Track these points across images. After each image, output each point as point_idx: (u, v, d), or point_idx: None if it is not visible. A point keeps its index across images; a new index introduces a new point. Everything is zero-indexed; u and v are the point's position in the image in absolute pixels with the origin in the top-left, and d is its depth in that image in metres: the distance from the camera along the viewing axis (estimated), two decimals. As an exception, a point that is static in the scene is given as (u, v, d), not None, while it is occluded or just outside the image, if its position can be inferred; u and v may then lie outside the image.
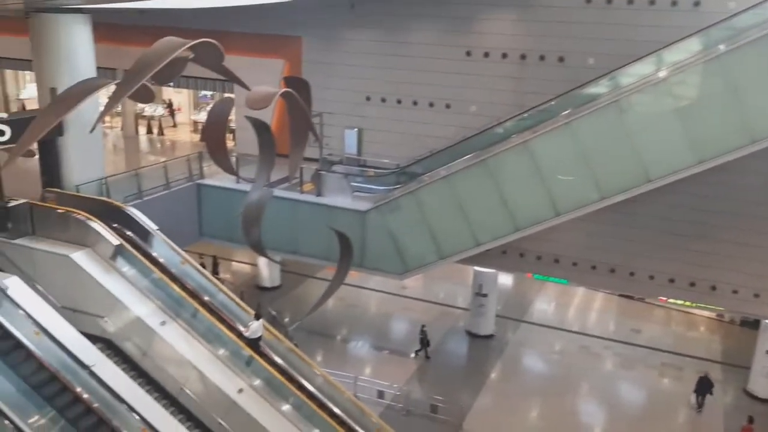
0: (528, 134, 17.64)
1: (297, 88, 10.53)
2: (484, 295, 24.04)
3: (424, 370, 22.77)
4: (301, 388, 15.40)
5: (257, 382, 14.79)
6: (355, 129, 22.62)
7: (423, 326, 23.44)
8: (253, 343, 15.42)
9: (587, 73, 18.45)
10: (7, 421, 11.07)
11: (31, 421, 11.63)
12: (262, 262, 28.48)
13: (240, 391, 14.41)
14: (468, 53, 20.58)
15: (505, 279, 29.17)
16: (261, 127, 11.80)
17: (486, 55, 20.32)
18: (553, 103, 18.79)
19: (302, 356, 16.10)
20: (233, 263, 31.26)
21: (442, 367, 23.01)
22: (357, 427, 15.52)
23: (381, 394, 20.26)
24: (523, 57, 19.85)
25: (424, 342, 23.22)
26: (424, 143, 21.35)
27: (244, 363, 14.94)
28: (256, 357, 14.99)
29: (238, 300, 16.33)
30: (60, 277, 15.06)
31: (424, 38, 21.19)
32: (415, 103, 21.63)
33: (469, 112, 20.99)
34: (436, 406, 19.47)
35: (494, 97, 20.41)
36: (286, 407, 14.76)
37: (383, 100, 22.10)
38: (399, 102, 21.83)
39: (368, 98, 22.34)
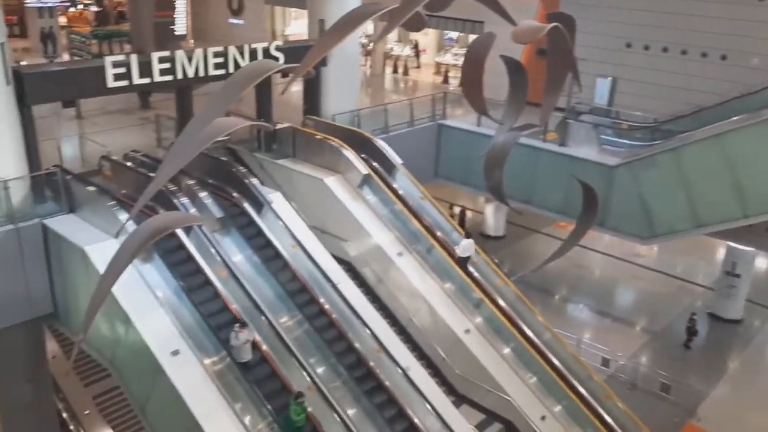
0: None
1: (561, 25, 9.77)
2: (737, 275, 21.35)
3: (653, 346, 21.10)
4: (524, 335, 15.04)
5: (483, 324, 14.72)
6: (609, 78, 20.96)
7: (693, 314, 21.15)
8: (462, 263, 15.36)
9: None
10: (263, 317, 12.24)
11: (281, 321, 12.77)
12: (488, 210, 28.25)
13: (467, 331, 14.46)
14: (759, -4, 17.80)
15: (762, 261, 25.71)
16: (515, 67, 11.25)
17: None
18: None
19: (530, 306, 15.66)
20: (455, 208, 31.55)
21: (676, 347, 21.11)
22: (578, 385, 14.83)
23: (605, 362, 19.18)
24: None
25: (692, 331, 20.93)
26: (688, 98, 19.13)
27: (474, 305, 14.92)
28: (485, 300, 14.87)
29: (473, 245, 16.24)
30: (312, 198, 16.13)
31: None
32: (684, 53, 19.38)
33: (750, 66, 18.28)
34: (668, 386, 17.94)
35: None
36: (506, 351, 14.57)
37: (646, 48, 20.13)
38: (665, 50, 19.71)
39: (629, 45, 20.48)
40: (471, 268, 15.75)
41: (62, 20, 35.61)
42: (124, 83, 13.83)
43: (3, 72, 12.12)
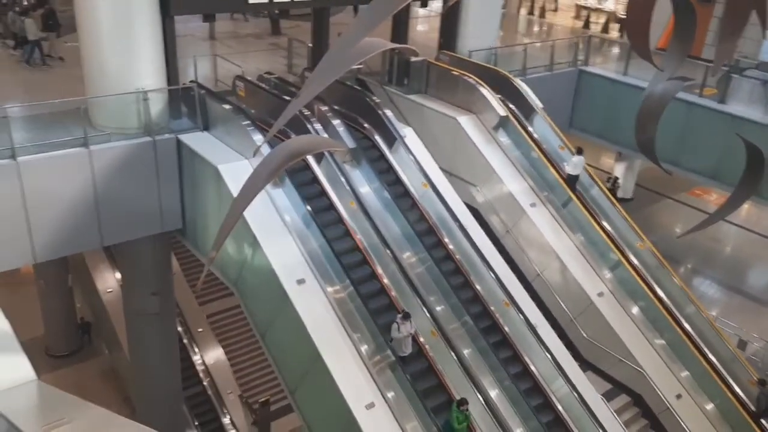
0: None
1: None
2: None
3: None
4: (660, 300, 13.77)
5: (618, 287, 13.56)
6: (783, 30, 18.38)
7: None
8: (571, 181, 14.29)
9: None
10: (388, 251, 11.68)
11: (405, 256, 12.19)
12: (619, 168, 26.32)
13: (600, 294, 13.36)
14: None
15: None
16: (684, 7, 9.76)
17: None
18: None
19: (668, 267, 14.27)
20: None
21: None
22: (710, 355, 13.47)
23: (741, 344, 17.46)
24: None
25: None
26: None
27: (610, 266, 13.75)
28: (624, 262, 13.64)
29: (612, 199, 14.92)
30: (443, 138, 15.28)
31: None
32: None
33: None
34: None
35: None
36: (635, 310, 13.39)
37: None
38: None
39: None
40: (609, 228, 14.50)
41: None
42: (264, 0, 13.38)
43: (149, -21, 11.89)
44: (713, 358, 13.40)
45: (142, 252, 13.70)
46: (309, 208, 11.54)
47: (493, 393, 11.12)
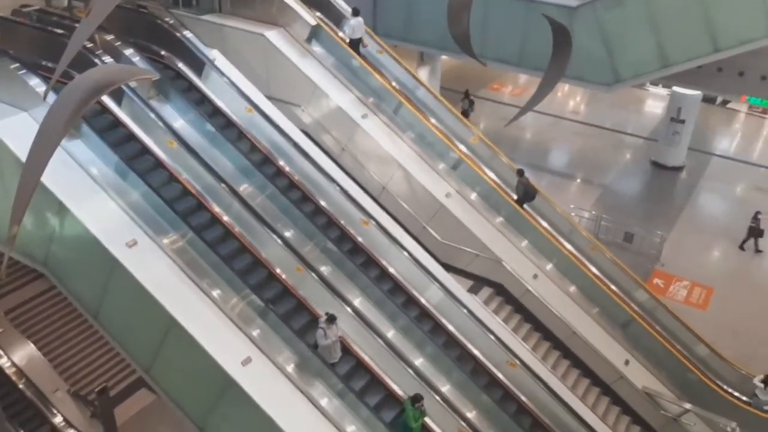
0: None
1: None
2: (681, 121, 21.21)
3: (607, 199, 20.85)
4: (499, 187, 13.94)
5: (464, 185, 13.46)
6: None
7: (757, 213, 18.69)
8: (354, 45, 14.01)
9: None
10: (223, 185, 10.29)
11: (244, 191, 10.85)
12: (423, 72, 26.40)
13: (448, 195, 13.16)
14: None
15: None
16: None
17: None
18: None
19: (501, 154, 14.47)
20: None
21: (627, 197, 21.09)
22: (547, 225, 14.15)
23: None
24: None
25: (756, 231, 18.55)
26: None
27: (452, 166, 13.55)
28: (465, 159, 13.50)
29: (440, 97, 14.64)
30: (252, 59, 13.71)
31: None
32: None
33: None
34: (631, 235, 17.79)
35: None
36: (497, 219, 13.50)
37: None
38: None
39: None
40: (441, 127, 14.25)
41: None
42: None
43: None
44: (551, 229, 14.02)
45: None
46: (120, 157, 9.64)
47: (370, 312, 10.49)
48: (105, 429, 16.40)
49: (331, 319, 9.42)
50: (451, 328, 10.95)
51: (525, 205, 13.64)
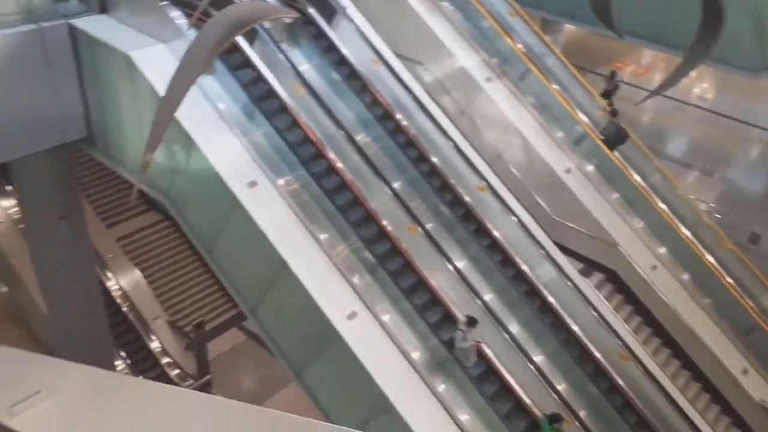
0: None
1: None
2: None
3: (730, 194, 19.39)
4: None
5: (587, 163, 12.77)
6: None
7: None
8: None
9: None
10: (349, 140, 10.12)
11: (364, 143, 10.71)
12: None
13: (568, 171, 12.52)
14: None
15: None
16: None
17: None
18: None
19: (641, 146, 13.65)
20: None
21: (754, 194, 19.55)
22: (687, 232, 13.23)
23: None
24: None
25: None
26: None
27: (574, 141, 12.87)
28: (589, 132, 12.79)
29: (571, 67, 13.87)
30: (378, 10, 13.34)
31: None
32: None
33: None
34: (758, 236, 16.46)
35: None
36: (618, 202, 12.76)
37: None
38: None
39: None
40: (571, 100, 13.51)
41: None
42: None
43: None
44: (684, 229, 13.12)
45: (41, 171, 11.36)
46: (250, 99, 9.65)
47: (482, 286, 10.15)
48: (197, 361, 17.05)
49: (472, 322, 9.06)
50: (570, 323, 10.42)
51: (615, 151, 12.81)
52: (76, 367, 2.90)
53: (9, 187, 17.01)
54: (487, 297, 10.09)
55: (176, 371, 16.90)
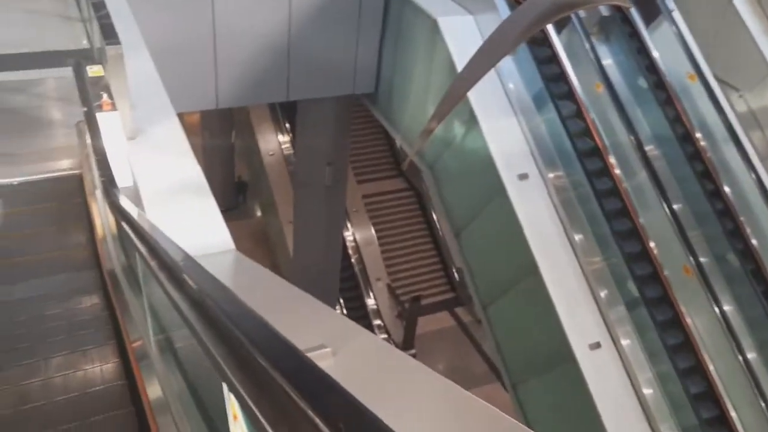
0: None
1: None
2: None
3: None
4: None
5: None
6: None
7: None
8: None
9: None
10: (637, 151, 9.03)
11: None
12: None
13: None
14: None
15: None
16: None
17: None
18: None
19: None
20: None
21: None
22: None
23: None
24: None
25: None
26: None
27: None
28: None
29: None
30: (701, 20, 11.79)
31: None
32: None
33: None
34: None
35: None
36: None
37: None
38: None
39: None
40: None
41: None
42: None
43: None
44: None
45: (324, 116, 11.95)
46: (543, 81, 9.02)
47: None
48: (405, 332, 17.21)
49: None
50: None
51: None
52: (360, 331, 2.58)
53: (288, 125, 18.51)
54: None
55: (383, 335, 17.29)
